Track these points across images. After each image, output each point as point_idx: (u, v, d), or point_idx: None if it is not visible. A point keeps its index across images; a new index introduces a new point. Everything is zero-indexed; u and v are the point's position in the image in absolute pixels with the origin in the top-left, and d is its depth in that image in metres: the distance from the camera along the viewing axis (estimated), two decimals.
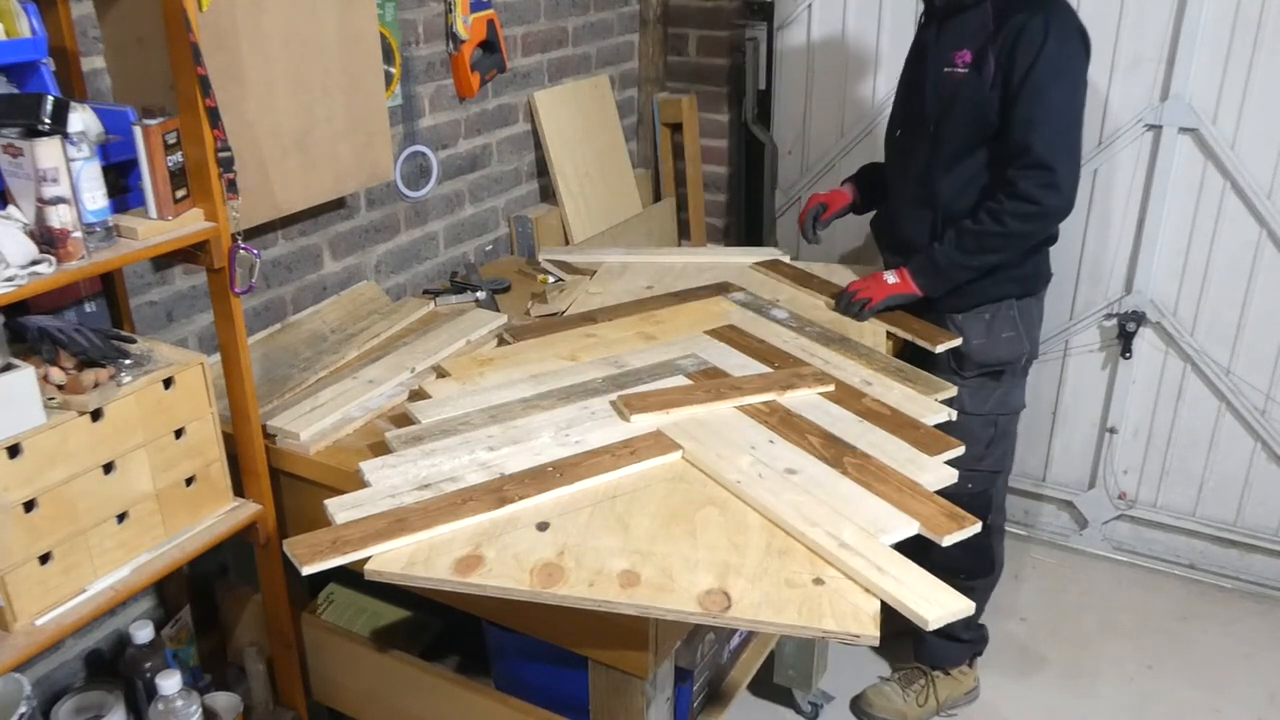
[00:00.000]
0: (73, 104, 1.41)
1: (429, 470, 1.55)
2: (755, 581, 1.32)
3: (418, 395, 1.85)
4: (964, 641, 2.38)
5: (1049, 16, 1.92)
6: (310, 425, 1.77)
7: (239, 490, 1.76)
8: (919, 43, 2.16)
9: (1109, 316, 2.78)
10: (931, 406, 1.79)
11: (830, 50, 2.97)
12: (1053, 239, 2.17)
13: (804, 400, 1.78)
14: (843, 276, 2.39)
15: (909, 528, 1.43)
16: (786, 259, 2.53)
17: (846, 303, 2.18)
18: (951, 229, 2.06)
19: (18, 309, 1.51)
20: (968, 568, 2.25)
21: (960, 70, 2.00)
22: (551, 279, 2.51)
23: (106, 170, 1.47)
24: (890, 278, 2.15)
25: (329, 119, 2.03)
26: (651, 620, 1.45)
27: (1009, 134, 1.96)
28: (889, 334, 2.13)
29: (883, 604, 1.29)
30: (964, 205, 2.07)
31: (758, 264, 2.48)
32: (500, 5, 2.60)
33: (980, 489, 2.22)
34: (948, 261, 2.06)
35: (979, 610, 2.36)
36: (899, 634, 2.36)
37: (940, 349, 2.05)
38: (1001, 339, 2.12)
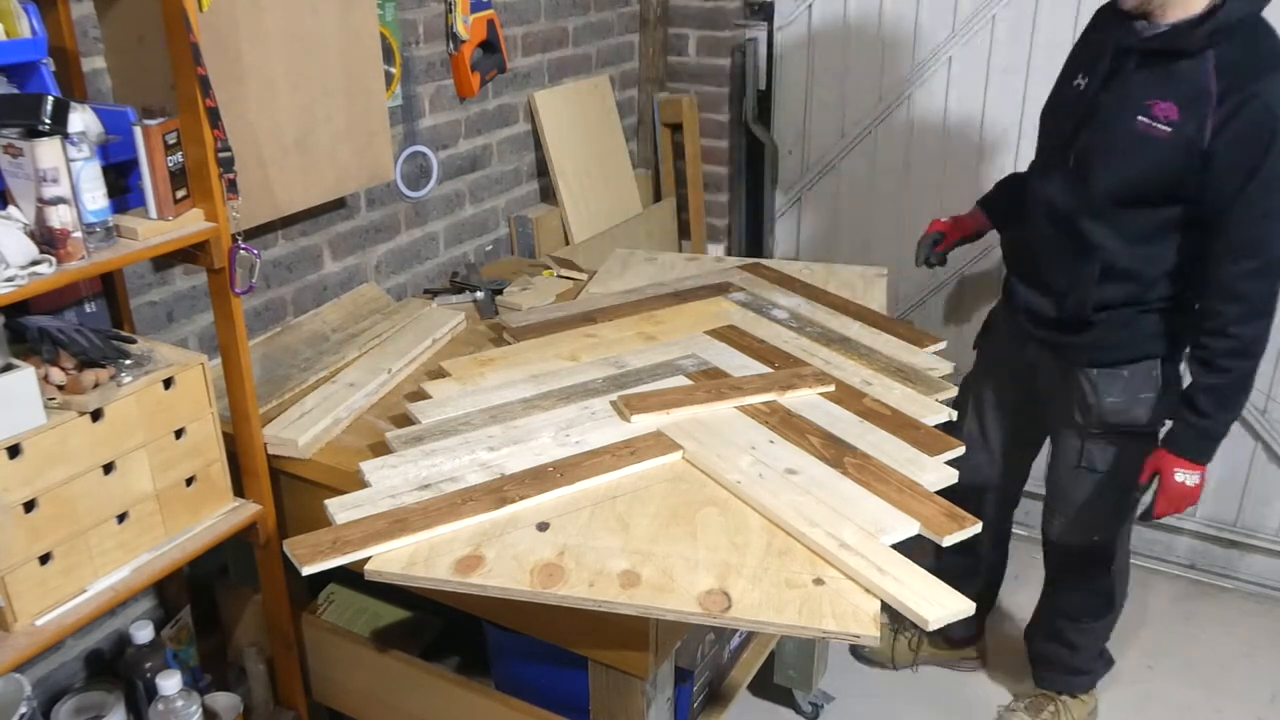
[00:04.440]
0: (73, 104, 1.41)
1: (429, 470, 1.55)
2: (755, 582, 1.32)
3: (417, 395, 1.85)
4: (1095, 671, 2.34)
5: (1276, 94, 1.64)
6: (304, 431, 1.78)
7: (239, 490, 1.76)
8: (1100, 69, 1.81)
9: None
10: (932, 407, 1.78)
11: (830, 50, 2.97)
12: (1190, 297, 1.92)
13: (804, 400, 1.78)
14: (822, 277, 2.39)
15: (909, 528, 1.43)
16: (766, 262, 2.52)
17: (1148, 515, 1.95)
18: (1194, 389, 1.82)
19: (18, 309, 1.51)
20: (1092, 610, 2.22)
21: (1161, 125, 1.70)
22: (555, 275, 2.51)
23: (106, 170, 1.47)
24: (1190, 478, 1.89)
25: (329, 119, 2.03)
26: (652, 620, 1.46)
27: (1226, 224, 1.71)
28: None
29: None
30: (1134, 265, 1.84)
31: (739, 267, 2.47)
32: (500, 5, 2.60)
33: (1108, 540, 2.11)
34: (1223, 424, 1.84)
35: (1105, 641, 2.30)
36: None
37: (928, 350, 2.02)
38: (1139, 399, 1.92)
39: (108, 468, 1.51)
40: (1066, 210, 1.88)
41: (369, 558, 1.36)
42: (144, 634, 1.78)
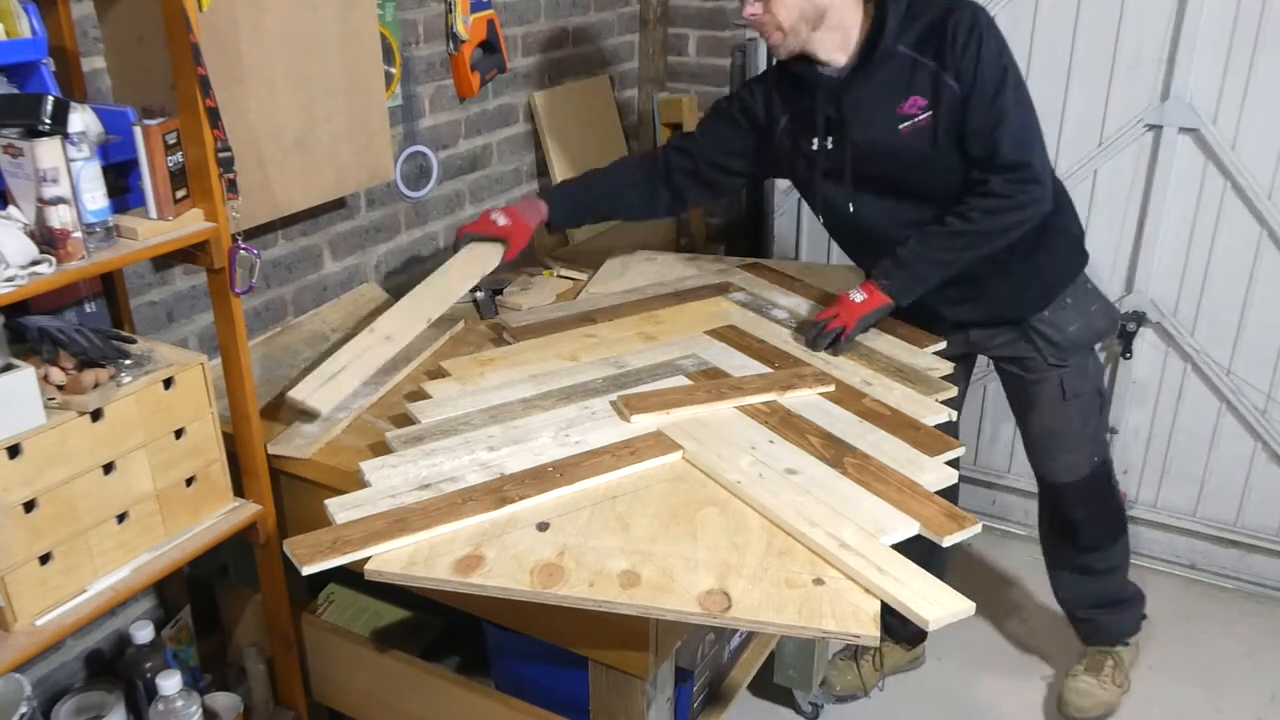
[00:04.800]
0: (73, 104, 1.41)
1: (429, 470, 1.55)
2: (755, 582, 1.32)
3: (417, 395, 1.85)
4: (1132, 601, 2.42)
5: (972, 27, 1.83)
6: (308, 439, 1.79)
7: (239, 490, 1.76)
8: (827, 121, 1.96)
9: None
10: (932, 407, 1.79)
11: None
12: (1061, 197, 2.07)
13: (804, 400, 1.78)
14: (822, 277, 2.39)
15: (909, 528, 1.43)
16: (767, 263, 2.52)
17: (816, 336, 1.97)
18: (915, 232, 1.95)
19: (18, 309, 1.51)
20: (1112, 532, 2.32)
21: (922, 117, 1.88)
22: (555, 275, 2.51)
23: (106, 170, 1.47)
24: (857, 295, 1.97)
25: (329, 119, 2.03)
26: (652, 620, 1.46)
27: (970, 144, 1.87)
28: None
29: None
30: None
31: (739, 267, 2.48)
32: (500, 5, 2.60)
33: (1105, 455, 2.26)
34: (920, 261, 1.94)
35: (1127, 560, 2.39)
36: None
37: (928, 350, 2.03)
38: (1093, 313, 2.12)
39: (108, 468, 1.51)
40: (910, 224, 1.97)
41: (369, 558, 1.36)
42: (144, 634, 1.79)
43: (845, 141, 1.96)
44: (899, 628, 2.45)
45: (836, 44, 1.90)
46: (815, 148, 2.00)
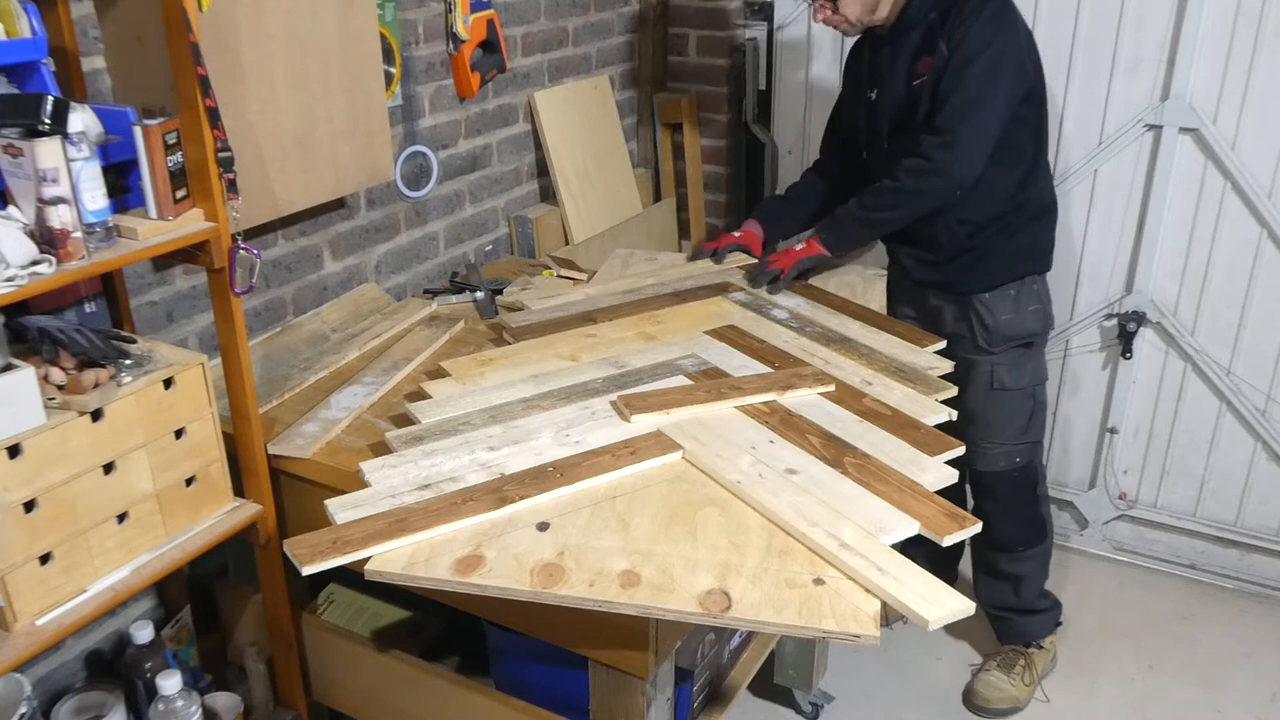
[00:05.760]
0: (73, 104, 1.41)
1: (429, 470, 1.55)
2: (755, 581, 1.32)
3: (417, 395, 1.85)
4: (1045, 611, 2.49)
5: (977, 10, 2.01)
6: (308, 440, 1.79)
7: (239, 490, 1.76)
8: (877, 70, 2.20)
9: (1109, 316, 2.78)
10: (932, 406, 1.78)
11: (830, 50, 2.97)
12: (1047, 211, 2.26)
13: (804, 400, 1.78)
14: (821, 277, 2.40)
15: (909, 528, 1.43)
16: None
17: (758, 276, 2.26)
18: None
19: (18, 309, 1.51)
20: (1025, 539, 2.40)
21: (923, 77, 2.09)
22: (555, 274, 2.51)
23: (106, 170, 1.47)
24: (797, 244, 2.25)
25: (329, 119, 2.03)
26: (652, 620, 1.46)
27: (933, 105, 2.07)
28: None
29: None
30: (974, 197, 2.12)
31: (739, 267, 2.47)
32: (500, 5, 2.60)
33: (1028, 460, 2.36)
34: (849, 218, 2.18)
35: (1044, 575, 2.48)
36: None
37: (928, 349, 2.04)
38: (1028, 312, 2.23)
39: (108, 468, 1.51)
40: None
41: (369, 558, 1.36)
42: (144, 634, 1.78)
43: (884, 92, 2.19)
44: (1020, 629, 2.49)
45: (885, 10, 2.14)
46: (871, 96, 2.24)
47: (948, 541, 1.42)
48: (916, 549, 1.42)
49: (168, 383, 1.57)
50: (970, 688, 2.47)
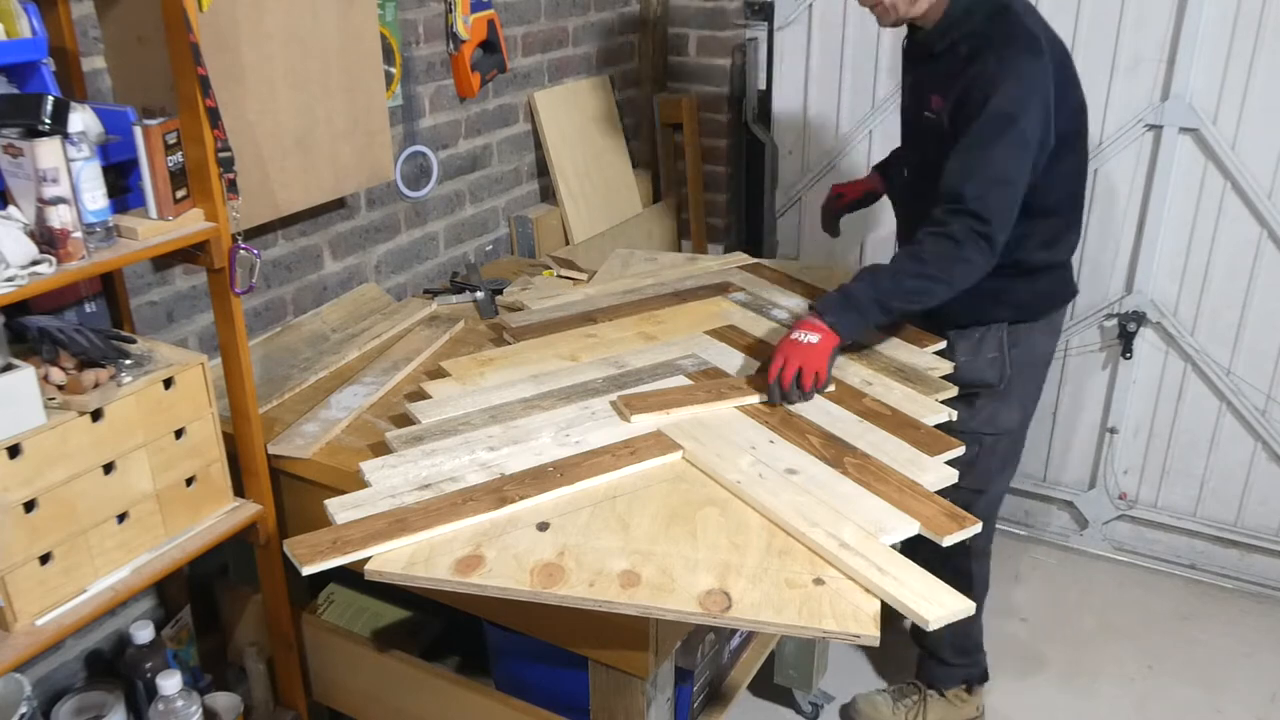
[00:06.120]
0: (73, 104, 1.41)
1: (429, 470, 1.55)
2: (755, 581, 1.32)
3: (417, 395, 1.85)
4: (952, 665, 2.32)
5: (1002, 64, 1.81)
6: (308, 440, 1.79)
7: (239, 490, 1.76)
8: (904, 84, 2.14)
9: (1109, 317, 2.78)
10: (932, 406, 1.78)
11: (830, 50, 2.97)
12: (1062, 265, 2.09)
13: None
14: (821, 277, 2.39)
15: (909, 528, 1.43)
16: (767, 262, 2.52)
17: (785, 393, 1.77)
18: (865, 270, 1.91)
19: (18, 309, 1.51)
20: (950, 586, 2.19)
21: (932, 114, 1.94)
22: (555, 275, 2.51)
23: (106, 170, 1.47)
24: (809, 337, 1.80)
25: (329, 119, 2.03)
26: (652, 620, 1.46)
27: (945, 174, 1.84)
28: None
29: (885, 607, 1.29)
30: None
31: (739, 267, 2.47)
32: (500, 5, 2.61)
33: (963, 502, 2.08)
34: (867, 300, 1.84)
35: (964, 633, 2.27)
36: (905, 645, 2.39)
37: (928, 349, 2.03)
38: (987, 360, 2.06)
39: (108, 468, 1.51)
40: (909, 199, 2.14)
41: (369, 558, 1.36)
42: (144, 634, 1.78)
43: (912, 106, 2.10)
44: (923, 667, 2.36)
45: (924, 5, 1.92)
46: (902, 104, 2.16)
47: (948, 542, 1.42)
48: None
49: (168, 383, 1.57)
50: (854, 697, 2.40)
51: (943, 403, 1.81)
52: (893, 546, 1.41)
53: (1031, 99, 1.81)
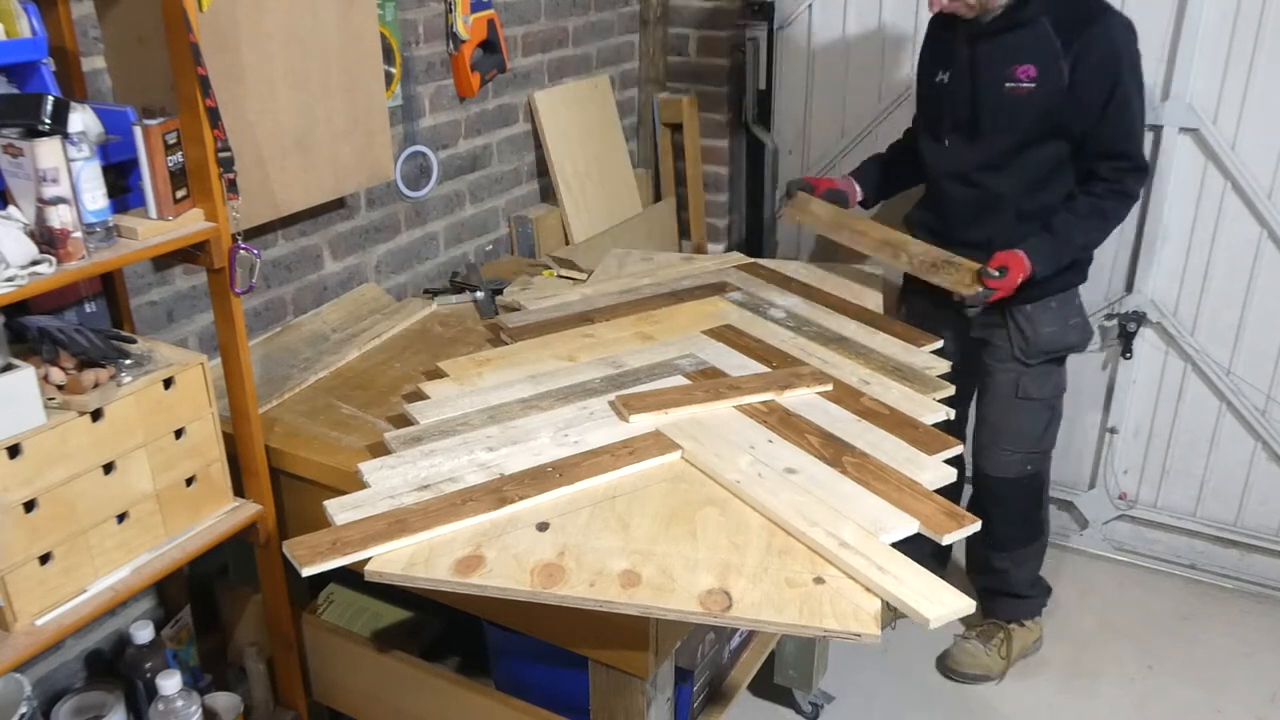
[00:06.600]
0: (73, 104, 1.41)
1: (428, 471, 1.56)
2: (756, 581, 1.32)
3: (416, 396, 1.85)
4: (1031, 597, 2.54)
5: (1110, 28, 2.03)
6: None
7: (239, 490, 1.76)
8: (959, 58, 2.17)
9: (1109, 316, 2.77)
10: (929, 405, 1.79)
11: (830, 50, 2.97)
12: None
13: (802, 400, 1.78)
14: (819, 277, 2.39)
15: (909, 526, 1.43)
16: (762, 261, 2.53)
17: (977, 301, 2.11)
18: (1061, 218, 2.12)
19: (18, 309, 1.51)
20: (1023, 539, 2.45)
21: (1025, 85, 2.07)
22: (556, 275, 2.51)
23: (106, 170, 1.47)
24: (994, 271, 2.09)
25: (329, 119, 2.03)
26: (652, 620, 1.46)
27: (1099, 139, 2.08)
28: None
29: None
30: (1038, 205, 2.15)
31: (736, 267, 2.48)
32: (500, 5, 2.61)
33: (1038, 469, 2.39)
34: (1068, 246, 2.13)
35: (1037, 566, 2.54)
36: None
37: (925, 349, 2.03)
38: (1070, 325, 2.24)
39: (108, 468, 1.51)
40: (966, 170, 2.21)
41: (369, 558, 1.36)
42: (144, 634, 1.78)
43: (964, 80, 2.17)
44: (1006, 608, 2.54)
45: None
46: (940, 80, 2.23)
47: (947, 540, 1.42)
48: (910, 544, 1.41)
49: (168, 383, 1.57)
50: (947, 651, 2.53)
51: (943, 398, 1.81)
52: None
53: (1136, 47, 2.07)
